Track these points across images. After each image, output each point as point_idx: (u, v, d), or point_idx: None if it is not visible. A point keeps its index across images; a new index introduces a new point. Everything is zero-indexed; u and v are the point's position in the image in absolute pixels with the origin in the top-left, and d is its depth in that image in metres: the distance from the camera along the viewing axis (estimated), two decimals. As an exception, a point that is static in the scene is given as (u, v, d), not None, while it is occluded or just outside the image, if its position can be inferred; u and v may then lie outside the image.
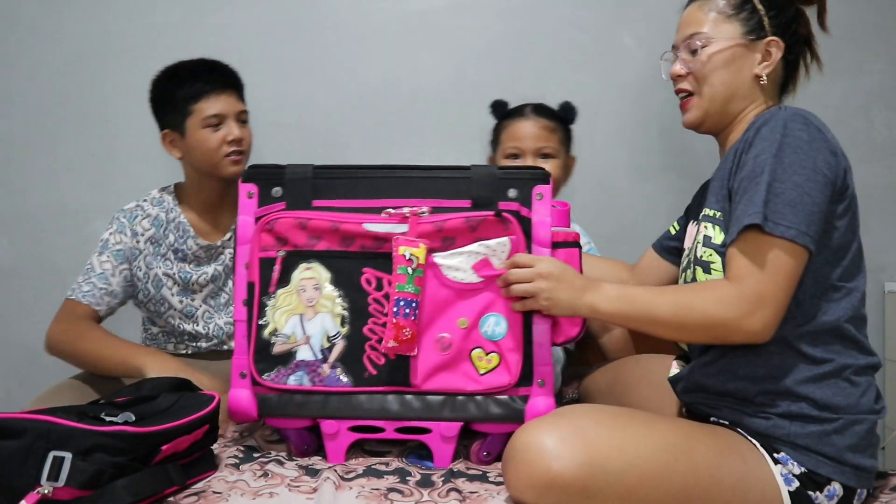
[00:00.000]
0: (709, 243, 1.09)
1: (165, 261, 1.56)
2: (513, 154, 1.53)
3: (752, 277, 0.99)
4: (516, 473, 0.97)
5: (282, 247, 1.15)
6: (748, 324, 0.99)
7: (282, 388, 1.14)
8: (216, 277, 1.59)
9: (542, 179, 1.18)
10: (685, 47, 1.17)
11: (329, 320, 1.15)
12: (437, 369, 1.14)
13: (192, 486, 1.06)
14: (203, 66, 1.53)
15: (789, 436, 1.01)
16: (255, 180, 1.20)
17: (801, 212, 0.98)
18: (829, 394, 1.01)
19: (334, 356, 1.15)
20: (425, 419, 1.15)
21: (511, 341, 1.14)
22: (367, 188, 1.18)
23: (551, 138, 1.54)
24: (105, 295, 1.50)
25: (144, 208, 1.57)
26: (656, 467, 0.96)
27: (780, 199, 0.98)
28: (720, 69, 1.14)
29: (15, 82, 1.96)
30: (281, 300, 1.15)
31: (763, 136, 1.02)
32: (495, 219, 1.14)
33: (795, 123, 1.02)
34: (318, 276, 1.15)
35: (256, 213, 1.18)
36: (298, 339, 1.15)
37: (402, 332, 1.10)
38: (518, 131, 1.53)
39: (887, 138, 1.92)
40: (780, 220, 0.98)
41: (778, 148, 1.00)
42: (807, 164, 0.99)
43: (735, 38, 1.14)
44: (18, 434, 0.91)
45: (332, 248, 1.15)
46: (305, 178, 1.18)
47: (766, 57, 1.15)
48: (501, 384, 1.14)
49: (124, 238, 1.53)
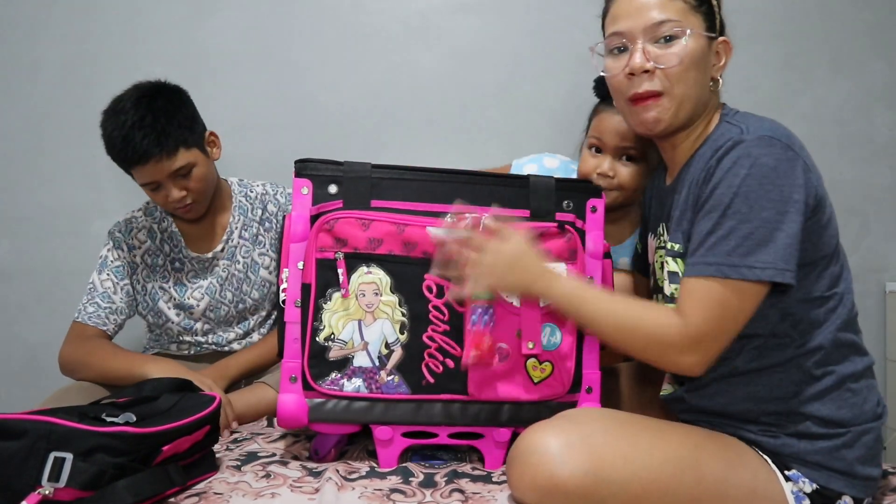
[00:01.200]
0: (676, 279, 1.05)
1: (163, 273, 1.56)
2: (595, 146, 1.37)
3: (700, 317, 0.95)
4: (520, 475, 0.97)
5: (340, 248, 1.11)
6: (681, 360, 0.98)
7: (337, 394, 1.11)
8: (211, 291, 1.57)
9: (596, 193, 1.21)
10: (648, 36, 1.02)
11: (388, 327, 1.12)
12: (493, 378, 1.13)
13: (193, 486, 1.06)
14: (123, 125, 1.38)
15: (799, 453, 0.98)
16: (309, 176, 1.15)
17: (774, 249, 0.93)
18: (834, 408, 0.99)
19: (392, 363, 1.12)
20: (479, 425, 1.15)
21: (565, 350, 1.14)
22: (426, 191, 1.15)
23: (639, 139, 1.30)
24: (110, 314, 1.52)
25: (138, 219, 1.57)
26: (662, 479, 0.95)
27: (748, 242, 0.93)
28: (694, 68, 1.02)
29: (15, 83, 1.95)
30: (338, 304, 1.11)
31: (722, 167, 0.96)
32: (556, 230, 1.15)
33: (759, 149, 0.94)
34: (378, 280, 1.12)
35: (312, 211, 1.14)
36: (356, 345, 1.11)
37: (483, 341, 1.09)
38: (606, 122, 1.34)
39: (888, 139, 1.91)
40: (752, 263, 0.93)
41: (740, 184, 0.93)
42: (774, 195, 0.93)
43: (702, 32, 1.03)
44: (19, 435, 0.91)
45: (395, 253, 1.12)
46: (364, 176, 1.15)
47: (717, 58, 1.07)
48: (555, 392, 1.15)
49: (122, 253, 1.54)
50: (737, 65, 1.88)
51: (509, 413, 1.15)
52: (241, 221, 1.60)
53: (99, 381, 1.46)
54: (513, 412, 1.15)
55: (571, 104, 1.94)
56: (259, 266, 1.60)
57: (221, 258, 1.58)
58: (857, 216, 1.92)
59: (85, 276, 1.72)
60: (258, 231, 1.61)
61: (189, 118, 1.46)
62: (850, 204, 1.91)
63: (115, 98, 1.44)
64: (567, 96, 1.94)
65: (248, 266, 1.60)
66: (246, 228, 1.60)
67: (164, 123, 1.40)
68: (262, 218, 1.62)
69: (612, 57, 1.08)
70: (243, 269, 1.60)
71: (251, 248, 1.60)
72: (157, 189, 1.45)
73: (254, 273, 1.60)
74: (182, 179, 1.45)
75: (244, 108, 1.94)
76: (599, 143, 1.35)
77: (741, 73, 1.89)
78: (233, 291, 1.59)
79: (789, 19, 1.91)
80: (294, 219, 1.14)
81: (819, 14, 1.90)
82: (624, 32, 1.05)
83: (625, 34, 1.05)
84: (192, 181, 1.46)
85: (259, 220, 1.61)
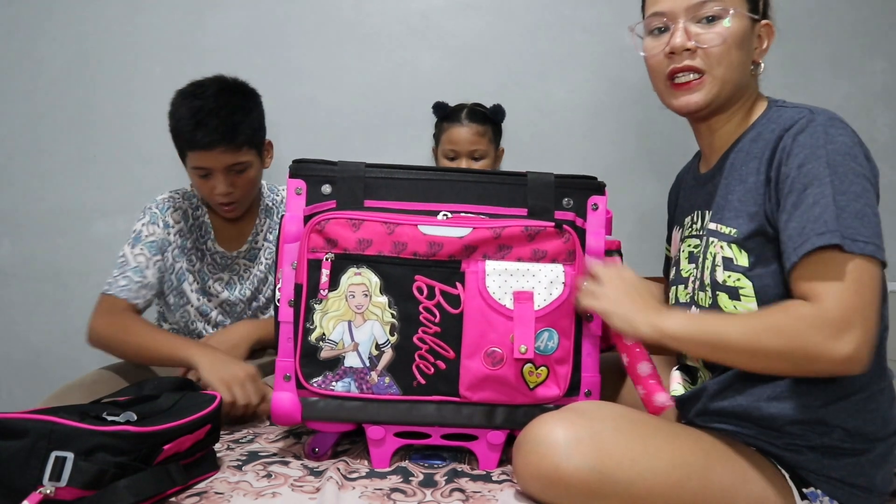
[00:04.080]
0: (732, 266, 0.99)
1: (190, 256, 1.58)
2: (450, 156, 1.75)
3: (834, 296, 0.87)
4: (525, 464, 0.96)
5: (331, 249, 1.11)
6: (835, 348, 0.86)
7: (329, 393, 1.12)
8: (231, 287, 1.61)
9: (598, 190, 1.18)
10: (690, 16, 1.02)
11: (378, 328, 1.11)
12: (486, 382, 1.11)
13: (194, 486, 1.06)
14: (199, 109, 1.43)
15: (822, 469, 0.95)
16: (303, 176, 1.15)
17: (870, 224, 0.88)
18: (861, 421, 0.95)
19: (383, 364, 1.11)
20: (473, 426, 1.14)
21: (561, 354, 1.12)
22: (421, 190, 1.14)
23: (481, 141, 1.74)
24: (142, 288, 1.51)
25: (175, 200, 1.59)
26: (667, 483, 0.93)
27: (846, 213, 0.88)
28: (737, 48, 1.01)
29: (16, 83, 1.96)
30: (329, 305, 1.11)
31: (803, 143, 0.93)
32: (553, 230, 1.12)
33: (835, 129, 0.93)
34: (367, 281, 1.11)
35: (305, 212, 1.14)
36: (346, 345, 1.11)
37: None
38: (455, 136, 1.74)
39: (889, 138, 1.92)
40: (855, 235, 0.87)
41: (828, 157, 0.91)
42: (858, 171, 0.91)
43: (746, 13, 1.01)
44: (20, 434, 0.91)
45: (384, 254, 1.10)
46: (358, 176, 1.14)
47: (760, 42, 1.05)
48: (550, 396, 1.12)
49: (157, 229, 1.55)
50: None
51: (504, 415, 1.13)
52: (267, 224, 1.64)
53: (134, 359, 1.46)
54: (507, 414, 1.13)
55: (572, 104, 1.95)
56: None
57: (244, 258, 1.62)
58: (858, 216, 1.92)
59: (86, 276, 1.73)
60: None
61: (259, 121, 1.52)
62: (850, 203, 1.91)
63: (194, 82, 1.49)
64: (567, 96, 1.95)
65: (269, 268, 1.64)
66: (271, 231, 1.64)
67: (239, 117, 1.46)
68: None
69: (653, 37, 1.07)
70: (265, 270, 1.64)
71: (274, 251, 1.63)
72: (207, 177, 1.48)
73: (273, 275, 1.63)
74: (234, 175, 1.49)
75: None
76: (454, 152, 1.74)
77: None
78: (252, 290, 1.63)
79: (790, 19, 1.91)
80: (288, 219, 1.14)
81: (819, 14, 1.90)
82: (665, 12, 1.04)
83: (666, 14, 1.04)
84: (241, 179, 1.50)
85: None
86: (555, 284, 1.10)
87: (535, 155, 1.93)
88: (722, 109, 1.06)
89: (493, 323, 1.10)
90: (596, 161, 1.89)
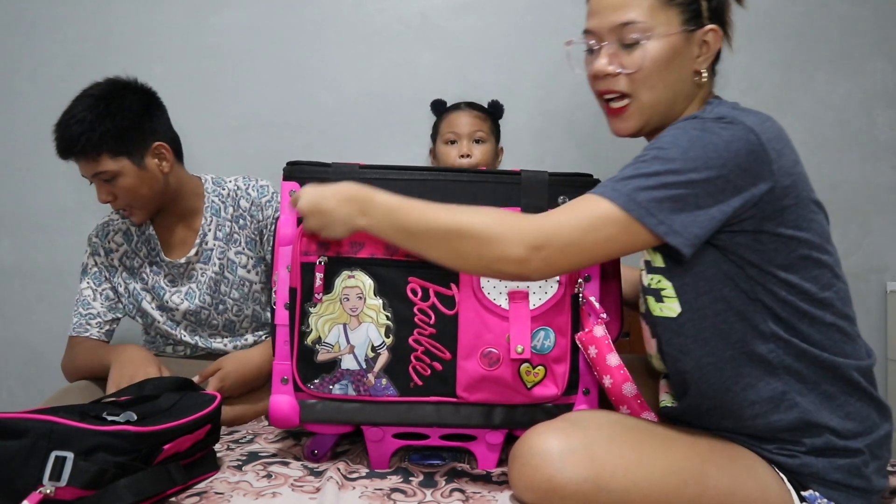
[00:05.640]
0: (652, 268, 0.99)
1: (142, 275, 1.55)
2: (451, 140, 1.73)
3: (567, 218, 0.91)
4: (519, 475, 0.96)
5: (323, 252, 1.10)
6: (511, 249, 0.91)
7: (326, 395, 1.12)
8: (190, 296, 1.55)
9: (592, 186, 1.17)
10: (614, 38, 0.99)
11: (373, 330, 1.11)
12: (483, 383, 1.11)
13: (194, 486, 1.06)
14: (61, 124, 1.40)
15: (819, 472, 0.95)
16: (297, 178, 1.14)
17: (683, 210, 0.88)
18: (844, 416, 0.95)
19: (379, 366, 1.11)
20: (472, 426, 1.13)
21: (558, 353, 1.11)
22: (415, 191, 1.12)
23: (483, 126, 1.74)
24: (91, 319, 1.53)
25: (114, 222, 1.56)
26: (663, 490, 0.93)
27: (666, 191, 0.88)
28: (663, 70, 0.98)
29: (16, 83, 1.96)
30: (323, 308, 1.11)
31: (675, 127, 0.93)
32: None
33: (717, 125, 0.90)
34: (361, 284, 1.11)
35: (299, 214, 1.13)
36: (342, 348, 1.11)
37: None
38: (455, 120, 1.74)
39: (890, 138, 1.92)
40: (655, 212, 0.88)
41: (688, 139, 0.89)
42: (714, 163, 0.88)
43: (675, 29, 0.98)
44: (20, 434, 0.91)
45: (377, 256, 1.10)
46: (351, 177, 1.13)
47: (704, 48, 1.00)
48: (548, 396, 1.11)
49: (98, 258, 1.55)
50: (737, 65, 1.91)
51: (502, 415, 1.13)
52: (214, 222, 1.55)
53: (89, 378, 1.49)
54: (506, 414, 1.13)
55: (572, 104, 1.95)
56: (236, 265, 1.56)
57: (196, 262, 1.55)
58: (859, 215, 1.92)
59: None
60: (231, 229, 1.56)
61: (132, 127, 1.41)
62: (851, 203, 1.91)
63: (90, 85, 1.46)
64: (568, 96, 1.95)
65: (224, 266, 1.56)
66: (219, 229, 1.55)
67: (96, 125, 1.37)
68: (235, 215, 1.56)
69: (587, 54, 1.05)
70: (219, 270, 1.55)
71: (226, 248, 1.55)
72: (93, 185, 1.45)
73: (231, 272, 1.56)
74: (107, 184, 1.43)
75: (244, 108, 1.95)
76: (455, 135, 1.73)
77: (741, 73, 1.89)
78: (211, 294, 1.55)
79: (789, 19, 1.91)
80: (282, 222, 1.14)
81: (819, 14, 1.90)
82: (594, 31, 1.02)
83: (594, 33, 1.02)
84: (118, 189, 1.42)
85: (231, 218, 1.56)
86: (549, 283, 1.10)
87: (535, 155, 1.93)
88: (665, 125, 1.03)
89: (488, 323, 1.10)
90: (596, 161, 1.89)
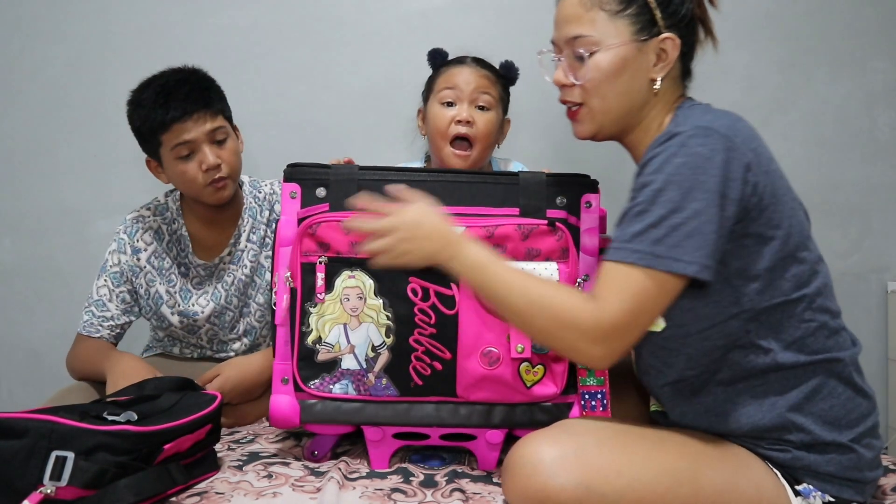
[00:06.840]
0: None
1: (169, 276, 1.53)
2: (448, 101, 1.43)
3: (617, 306, 0.91)
4: (513, 485, 0.96)
5: (324, 252, 1.11)
6: (590, 350, 0.94)
7: (327, 395, 1.12)
8: (217, 297, 1.54)
9: (591, 188, 1.18)
10: (568, 51, 1.03)
11: (374, 330, 1.11)
12: (483, 382, 1.11)
13: (195, 486, 1.06)
14: (163, 87, 1.41)
15: (811, 466, 0.96)
16: (298, 180, 1.15)
17: (704, 242, 0.89)
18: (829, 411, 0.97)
19: (379, 366, 1.12)
20: (472, 426, 1.14)
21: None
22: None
23: (490, 89, 1.44)
24: (104, 321, 1.50)
25: (146, 219, 1.53)
26: (657, 492, 0.93)
27: (679, 232, 0.89)
28: (612, 80, 1.01)
29: (16, 83, 1.96)
30: (324, 308, 1.11)
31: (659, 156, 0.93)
32: (547, 227, 1.12)
33: (695, 139, 0.91)
34: (361, 284, 1.11)
35: (300, 214, 1.14)
36: (343, 348, 1.11)
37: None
38: (454, 76, 1.43)
39: (890, 138, 1.91)
40: (680, 256, 0.89)
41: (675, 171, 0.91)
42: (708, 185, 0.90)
43: (625, 40, 1.00)
44: (21, 434, 0.91)
45: None
46: (351, 178, 1.14)
47: (661, 57, 1.02)
48: (548, 394, 1.12)
49: (123, 257, 1.51)
50: (737, 65, 1.90)
51: (502, 414, 1.13)
52: (250, 224, 1.55)
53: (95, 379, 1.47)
54: (506, 413, 1.13)
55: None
56: (265, 269, 1.55)
57: (228, 263, 1.54)
58: (859, 215, 1.92)
59: (87, 275, 1.72)
60: (265, 233, 1.56)
61: (223, 95, 1.50)
62: (851, 203, 1.91)
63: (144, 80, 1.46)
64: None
65: (254, 270, 1.55)
66: (254, 231, 1.55)
67: (206, 86, 1.45)
68: (270, 220, 1.57)
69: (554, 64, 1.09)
70: (249, 273, 1.55)
71: (258, 252, 1.55)
72: (191, 157, 1.41)
73: (259, 276, 1.56)
74: (218, 147, 1.43)
75: (244, 108, 1.94)
76: (454, 94, 1.42)
77: (741, 73, 1.89)
78: (238, 296, 1.55)
79: (789, 19, 1.91)
80: (283, 223, 1.15)
81: (820, 13, 1.90)
82: (555, 42, 1.07)
83: (555, 44, 1.07)
84: (226, 152, 1.44)
85: (266, 223, 1.56)
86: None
87: (536, 155, 1.93)
88: (625, 132, 1.07)
89: (488, 323, 1.10)
90: (596, 161, 1.89)
